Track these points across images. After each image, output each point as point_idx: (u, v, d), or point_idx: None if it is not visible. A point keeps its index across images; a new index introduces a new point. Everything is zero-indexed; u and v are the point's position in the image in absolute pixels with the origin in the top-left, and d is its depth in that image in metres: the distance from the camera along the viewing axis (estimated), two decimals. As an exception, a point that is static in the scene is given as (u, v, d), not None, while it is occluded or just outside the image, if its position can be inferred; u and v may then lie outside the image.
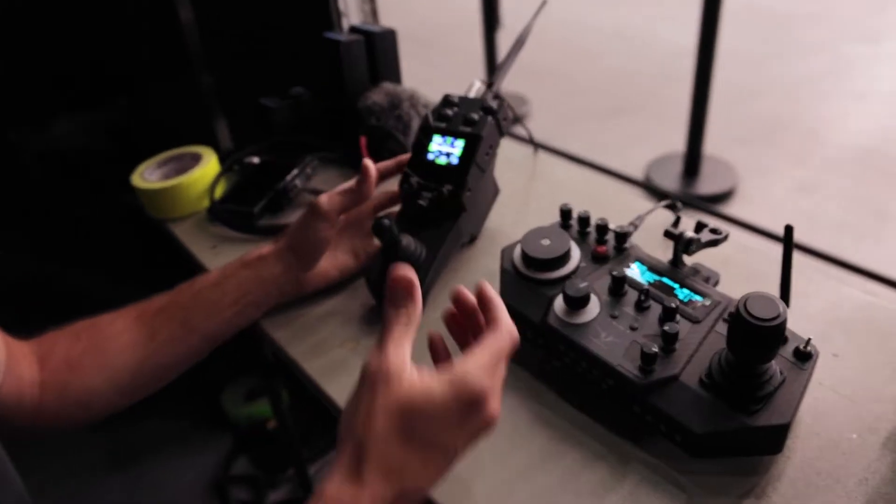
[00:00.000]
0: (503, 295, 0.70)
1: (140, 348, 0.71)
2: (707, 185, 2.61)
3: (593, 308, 0.65)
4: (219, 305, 0.74)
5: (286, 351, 0.75)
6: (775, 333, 0.52)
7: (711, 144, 2.65)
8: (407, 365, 0.49)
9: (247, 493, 1.61)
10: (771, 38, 4.14)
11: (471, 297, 0.58)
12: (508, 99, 0.86)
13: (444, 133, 0.79)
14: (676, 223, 0.71)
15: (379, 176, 0.79)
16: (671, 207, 0.88)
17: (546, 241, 0.70)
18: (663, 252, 0.81)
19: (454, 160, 0.78)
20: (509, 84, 3.35)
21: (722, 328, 0.62)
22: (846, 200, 2.58)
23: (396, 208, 0.84)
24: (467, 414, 0.47)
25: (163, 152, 1.06)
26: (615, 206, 0.94)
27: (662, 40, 4.18)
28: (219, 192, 1.02)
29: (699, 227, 0.72)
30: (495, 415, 0.49)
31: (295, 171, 0.98)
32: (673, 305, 0.61)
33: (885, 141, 2.95)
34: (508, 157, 1.04)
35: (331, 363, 0.72)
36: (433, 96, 1.10)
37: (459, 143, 0.78)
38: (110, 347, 0.71)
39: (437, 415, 0.47)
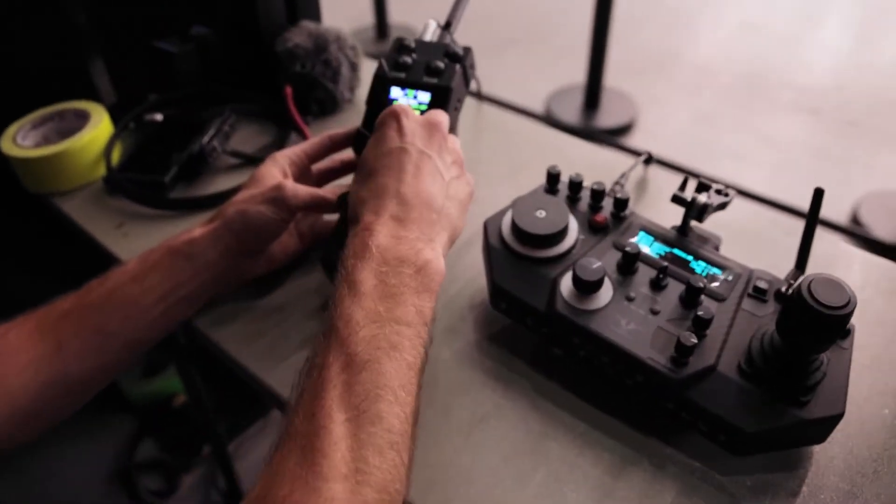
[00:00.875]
0: (493, 276, 0.61)
1: (45, 364, 0.57)
2: (607, 117, 2.59)
3: (606, 290, 0.56)
4: (141, 304, 0.60)
5: (233, 356, 0.63)
6: (843, 322, 0.45)
7: (609, 76, 2.62)
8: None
9: (157, 480, 1.46)
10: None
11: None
12: (398, 33, 0.74)
13: (404, 85, 0.67)
14: (684, 186, 0.64)
15: (333, 147, 0.68)
16: (647, 161, 0.81)
17: (541, 213, 0.60)
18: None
19: (418, 117, 0.66)
20: (395, 15, 3.14)
21: (749, 305, 0.56)
22: (739, 130, 2.64)
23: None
24: (392, 124, 0.58)
25: (38, 109, 0.87)
26: (578, 160, 0.85)
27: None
28: (115, 157, 0.85)
29: (701, 187, 0.65)
30: (421, 116, 0.60)
31: (212, 130, 0.83)
32: (700, 284, 0.54)
33: (767, 69, 3.03)
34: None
35: (296, 369, 0.60)
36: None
37: (424, 97, 0.66)
38: (6, 369, 0.56)
39: (369, 148, 0.59)
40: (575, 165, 0.83)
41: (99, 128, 0.83)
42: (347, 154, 0.71)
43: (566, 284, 0.57)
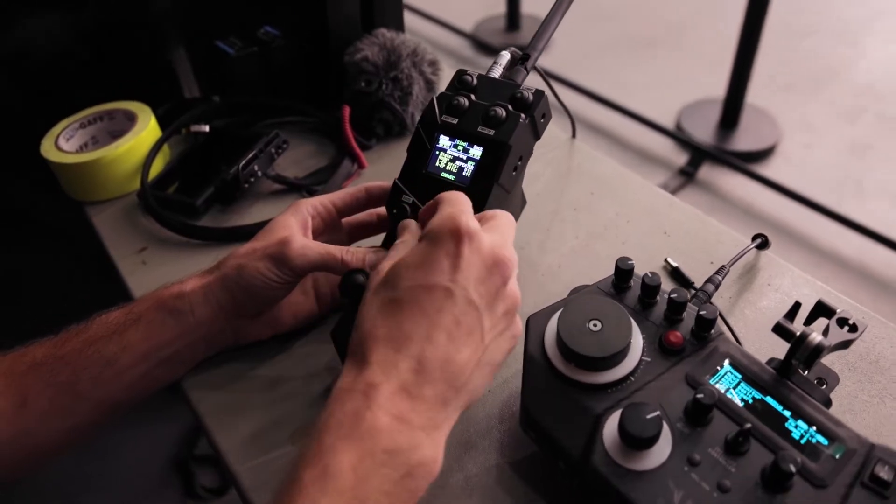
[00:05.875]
0: (525, 398, 0.48)
1: (3, 422, 0.51)
2: (745, 139, 2.33)
3: (663, 445, 0.43)
4: (118, 364, 0.53)
5: (211, 434, 0.54)
6: None
7: (752, 91, 2.36)
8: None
9: (212, 476, 1.43)
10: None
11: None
12: (529, 23, 0.60)
13: (454, 134, 0.55)
14: (794, 313, 0.48)
15: (370, 201, 0.59)
16: (761, 246, 0.65)
17: (596, 324, 0.47)
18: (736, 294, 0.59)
19: (466, 175, 0.54)
20: (527, 5, 2.99)
21: (861, 500, 0.40)
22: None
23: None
24: (448, 249, 0.42)
25: (87, 108, 0.81)
26: (675, 229, 0.70)
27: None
28: (157, 168, 0.78)
29: (820, 311, 0.49)
30: (487, 243, 0.44)
31: (254, 151, 0.74)
32: (792, 468, 0.39)
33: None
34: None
35: (274, 469, 0.51)
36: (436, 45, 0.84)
37: (476, 152, 0.54)
38: None
39: (411, 262, 0.43)
40: (671, 236, 0.68)
41: (141, 136, 0.77)
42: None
43: (611, 429, 0.44)
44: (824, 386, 0.49)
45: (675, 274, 0.64)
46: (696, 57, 2.97)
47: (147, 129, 0.78)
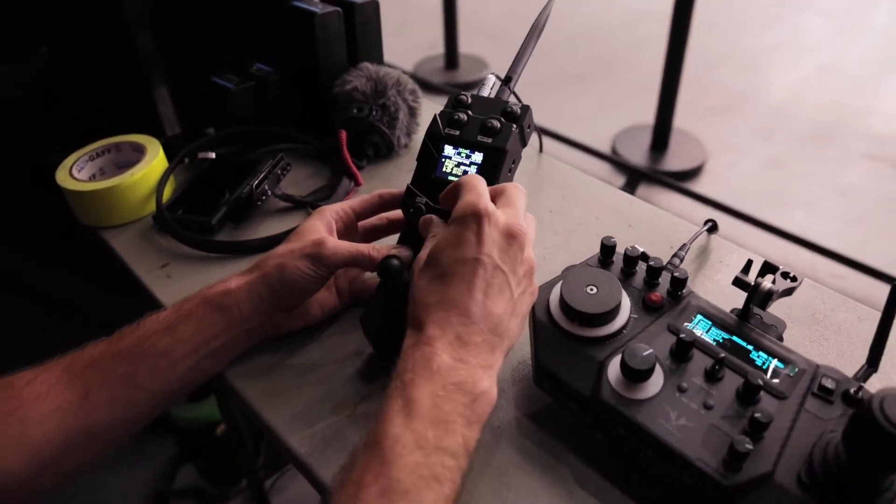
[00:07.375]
0: (538, 355, 0.58)
1: (69, 414, 0.56)
2: (675, 160, 2.53)
3: (657, 379, 0.53)
4: (170, 357, 0.59)
5: (261, 415, 0.61)
6: (921, 446, 0.41)
7: (678, 116, 2.56)
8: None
9: (193, 507, 1.45)
10: (728, 7, 4.06)
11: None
12: (466, 62, 0.71)
13: (457, 144, 0.65)
14: (748, 268, 0.59)
15: (383, 205, 0.67)
16: (711, 230, 0.77)
17: (592, 289, 0.57)
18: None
19: (470, 178, 0.64)
20: (464, 45, 3.16)
21: (813, 405, 0.51)
22: (812, 179, 2.54)
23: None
24: (473, 228, 0.53)
25: (96, 142, 0.88)
26: (638, 222, 0.81)
27: (624, 2, 4.06)
28: (167, 193, 0.85)
29: (766, 269, 0.60)
30: (503, 219, 0.53)
31: (263, 173, 0.82)
32: (759, 382, 0.50)
33: (842, 116, 2.92)
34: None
35: (322, 438, 0.58)
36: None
37: (477, 157, 0.64)
38: (30, 416, 0.55)
39: (446, 244, 0.53)
40: (635, 228, 0.79)
41: (152, 164, 0.84)
42: (395, 213, 0.69)
43: (614, 369, 0.53)
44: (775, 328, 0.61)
45: (644, 257, 0.75)
46: (623, 88, 3.18)
47: (157, 159, 0.85)
